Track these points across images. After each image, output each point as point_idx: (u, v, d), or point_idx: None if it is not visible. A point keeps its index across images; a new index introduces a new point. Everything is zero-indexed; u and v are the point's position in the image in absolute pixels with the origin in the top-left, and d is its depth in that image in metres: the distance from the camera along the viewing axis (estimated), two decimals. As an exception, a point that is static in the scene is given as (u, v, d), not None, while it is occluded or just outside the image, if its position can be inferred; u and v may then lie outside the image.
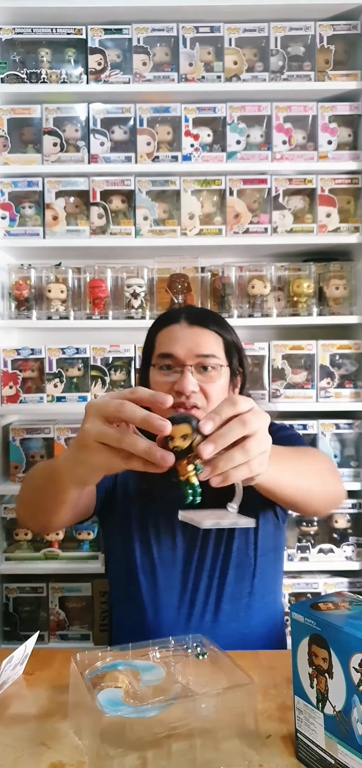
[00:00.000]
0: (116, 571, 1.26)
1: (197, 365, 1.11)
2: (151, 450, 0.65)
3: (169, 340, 1.14)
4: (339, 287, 1.98)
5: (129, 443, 0.66)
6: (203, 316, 1.20)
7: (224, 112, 1.97)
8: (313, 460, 1.08)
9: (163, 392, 1.08)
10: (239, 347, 1.20)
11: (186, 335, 1.13)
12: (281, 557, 1.27)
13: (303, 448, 1.13)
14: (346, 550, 1.96)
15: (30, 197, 2.00)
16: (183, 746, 0.72)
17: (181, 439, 0.67)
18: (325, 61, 1.98)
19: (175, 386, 1.09)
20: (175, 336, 1.13)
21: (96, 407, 0.69)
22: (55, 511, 0.96)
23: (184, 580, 1.15)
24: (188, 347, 1.11)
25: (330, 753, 0.68)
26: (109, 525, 1.27)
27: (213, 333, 1.15)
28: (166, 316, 1.21)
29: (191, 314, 1.18)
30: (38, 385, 1.99)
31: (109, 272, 2.00)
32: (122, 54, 1.99)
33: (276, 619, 1.25)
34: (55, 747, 0.75)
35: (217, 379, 1.12)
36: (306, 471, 1.01)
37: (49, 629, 2.00)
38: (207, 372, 1.11)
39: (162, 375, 1.13)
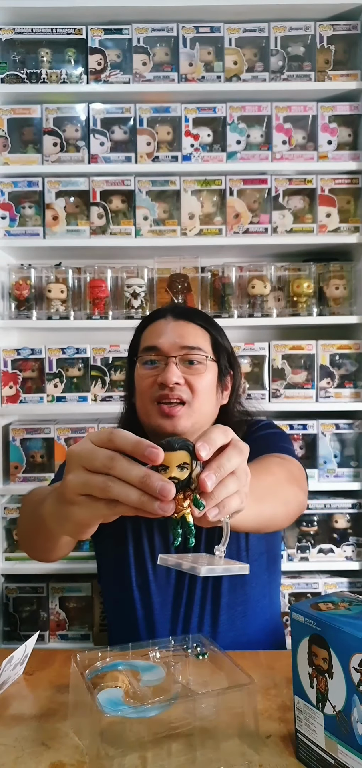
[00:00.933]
0: (109, 584, 1.24)
1: (182, 358, 1.08)
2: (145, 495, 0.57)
3: (153, 334, 1.12)
4: (339, 287, 1.98)
5: (119, 492, 0.58)
6: (189, 311, 1.19)
7: (224, 112, 1.97)
8: (274, 475, 1.00)
9: (146, 385, 1.08)
10: (228, 349, 1.18)
11: (170, 328, 1.11)
12: (276, 559, 1.26)
13: (263, 461, 1.03)
14: (346, 550, 1.96)
15: (30, 197, 2.00)
16: (183, 746, 0.72)
17: (177, 469, 0.57)
18: (325, 61, 1.98)
19: (159, 378, 1.06)
20: (160, 329, 1.12)
21: (79, 457, 0.60)
22: (50, 550, 0.96)
23: (178, 595, 1.13)
24: (172, 339, 1.09)
25: (330, 753, 0.68)
26: (102, 536, 1.24)
27: (200, 327, 1.13)
28: (151, 314, 1.19)
29: (177, 309, 1.16)
30: (38, 385, 1.99)
31: (109, 272, 2.00)
32: (122, 54, 1.99)
33: (274, 621, 1.24)
34: (55, 747, 0.75)
35: (203, 372, 1.09)
36: (267, 494, 0.93)
37: (49, 629, 2.00)
38: (192, 365, 1.08)
39: (146, 369, 1.10)
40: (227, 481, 0.62)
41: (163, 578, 1.14)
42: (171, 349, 1.08)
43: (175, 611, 1.13)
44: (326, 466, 1.96)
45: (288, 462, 1.08)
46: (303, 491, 1.08)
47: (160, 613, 1.13)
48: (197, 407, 1.07)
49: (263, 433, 1.19)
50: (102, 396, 1.97)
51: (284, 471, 1.02)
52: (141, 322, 1.20)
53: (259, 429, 1.21)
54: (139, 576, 1.15)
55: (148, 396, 1.08)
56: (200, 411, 1.08)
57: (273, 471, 1.00)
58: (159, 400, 1.06)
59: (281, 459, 1.07)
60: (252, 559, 1.15)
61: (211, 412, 1.13)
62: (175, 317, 1.13)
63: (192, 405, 1.07)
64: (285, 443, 1.18)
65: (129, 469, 0.57)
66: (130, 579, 1.15)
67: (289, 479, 1.02)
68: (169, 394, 1.05)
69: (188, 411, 1.06)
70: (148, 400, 1.08)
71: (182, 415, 1.06)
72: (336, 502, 1.96)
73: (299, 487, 1.05)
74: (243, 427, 1.20)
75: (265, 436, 1.18)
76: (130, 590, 1.15)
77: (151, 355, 1.10)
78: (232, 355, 1.20)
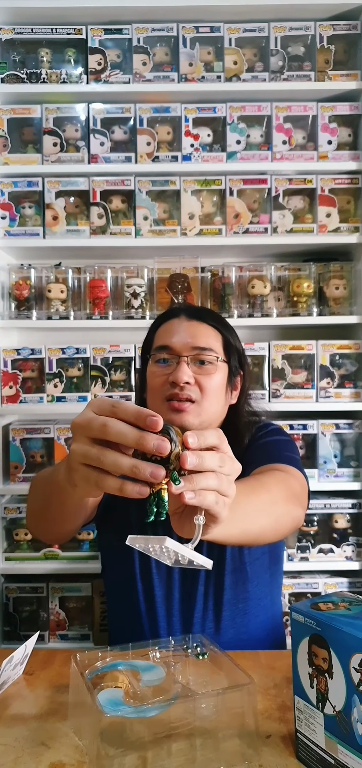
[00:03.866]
0: (113, 578, 1.24)
1: (193, 358, 1.10)
2: (138, 467, 0.60)
3: (167, 333, 1.14)
4: (339, 287, 1.98)
5: (111, 463, 0.61)
6: (203, 311, 1.20)
7: (224, 112, 1.97)
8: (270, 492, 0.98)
9: (158, 384, 1.09)
10: (240, 350, 1.20)
11: (183, 328, 1.13)
12: (278, 559, 1.26)
13: (262, 476, 1.02)
14: (346, 550, 1.96)
15: (30, 197, 2.00)
16: (183, 746, 0.72)
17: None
18: (325, 61, 1.98)
19: (170, 377, 1.09)
20: (173, 329, 1.14)
21: (79, 426, 0.64)
22: (64, 519, 0.96)
23: (181, 588, 1.14)
24: (185, 339, 1.11)
25: (330, 753, 0.68)
26: (107, 530, 1.26)
27: (212, 328, 1.15)
28: (165, 313, 1.21)
29: (190, 309, 1.18)
30: (38, 385, 1.99)
31: (109, 272, 2.00)
32: (122, 54, 1.99)
33: (275, 621, 1.24)
34: (55, 747, 0.75)
35: (213, 372, 1.11)
36: (257, 512, 0.92)
37: (49, 629, 2.00)
38: (203, 365, 1.11)
39: (158, 367, 1.12)
40: (208, 474, 0.63)
41: (165, 571, 1.14)
42: (183, 348, 1.10)
43: (178, 604, 1.14)
44: (326, 466, 1.96)
45: (290, 476, 1.07)
46: (302, 507, 1.07)
47: (161, 607, 1.14)
48: (206, 406, 1.10)
49: (269, 440, 1.19)
50: (102, 396, 1.97)
51: (282, 487, 1.01)
52: (155, 321, 1.21)
53: (266, 434, 1.21)
54: (141, 568, 1.15)
55: (159, 394, 1.11)
56: (208, 410, 1.10)
57: (269, 487, 0.99)
58: (169, 398, 1.09)
59: (282, 473, 1.06)
60: (253, 557, 1.16)
61: (220, 412, 1.15)
62: (188, 317, 1.15)
63: (201, 404, 1.09)
64: (290, 452, 1.17)
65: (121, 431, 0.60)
66: (133, 571, 1.16)
67: (287, 497, 1.01)
68: (179, 393, 1.07)
69: (197, 409, 1.09)
70: (158, 398, 1.11)
71: (191, 411, 1.08)
72: (336, 502, 1.97)
73: (297, 503, 1.04)
74: (251, 428, 1.21)
75: (271, 444, 1.18)
76: (134, 582, 1.15)
77: (163, 354, 1.12)
78: (243, 356, 1.21)
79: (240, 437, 1.18)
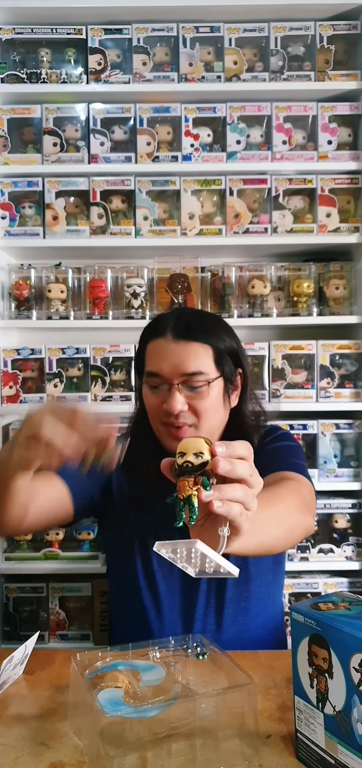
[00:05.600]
0: (116, 576, 1.26)
1: (183, 383, 1.08)
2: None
3: (155, 357, 1.11)
4: (339, 287, 1.98)
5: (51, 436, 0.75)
6: (190, 326, 1.11)
7: (224, 112, 1.97)
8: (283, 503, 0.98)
9: (153, 410, 1.10)
10: (235, 350, 1.15)
11: (171, 351, 1.08)
12: (281, 560, 1.26)
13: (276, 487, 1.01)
14: (346, 550, 1.96)
15: (30, 197, 2.00)
16: (183, 746, 0.72)
17: (193, 456, 0.65)
18: (325, 61, 1.98)
19: (164, 405, 1.08)
20: (161, 352, 1.10)
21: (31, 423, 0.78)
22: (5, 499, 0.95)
23: (184, 584, 1.14)
24: (173, 364, 1.07)
25: (330, 753, 0.68)
26: (107, 529, 1.27)
27: (201, 345, 1.10)
28: (154, 326, 1.15)
29: (178, 326, 1.11)
30: (38, 385, 1.99)
31: (109, 272, 2.00)
32: (122, 54, 1.99)
33: (276, 620, 1.25)
34: (55, 747, 0.76)
35: (207, 395, 1.08)
36: (272, 524, 0.92)
37: (49, 629, 2.00)
38: (195, 390, 1.08)
39: (151, 393, 1.12)
40: (236, 486, 0.65)
41: (167, 567, 1.15)
42: (172, 375, 1.08)
43: (181, 600, 1.14)
44: (326, 466, 1.96)
45: (301, 485, 1.06)
46: (312, 515, 1.07)
47: (164, 603, 1.14)
48: (203, 427, 1.09)
49: (278, 446, 1.18)
50: (102, 396, 1.97)
51: (295, 497, 1.01)
52: (145, 330, 1.17)
53: (273, 440, 1.20)
54: (143, 565, 1.16)
55: (156, 418, 1.11)
56: (206, 429, 1.09)
57: (283, 498, 0.98)
58: (167, 424, 1.09)
59: (294, 482, 1.06)
60: (258, 558, 1.16)
61: (219, 424, 1.14)
62: (175, 337, 1.09)
63: (199, 427, 1.09)
64: (299, 459, 1.16)
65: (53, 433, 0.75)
66: (135, 569, 1.16)
67: (300, 507, 1.00)
68: (175, 422, 1.07)
69: (195, 432, 1.09)
70: (156, 421, 1.12)
71: (189, 435, 1.08)
72: (336, 502, 1.96)
73: (308, 512, 1.04)
74: (259, 430, 1.20)
75: (279, 450, 1.17)
76: (136, 579, 1.16)
77: (154, 381, 1.10)
78: (240, 353, 1.17)
79: (249, 440, 1.16)
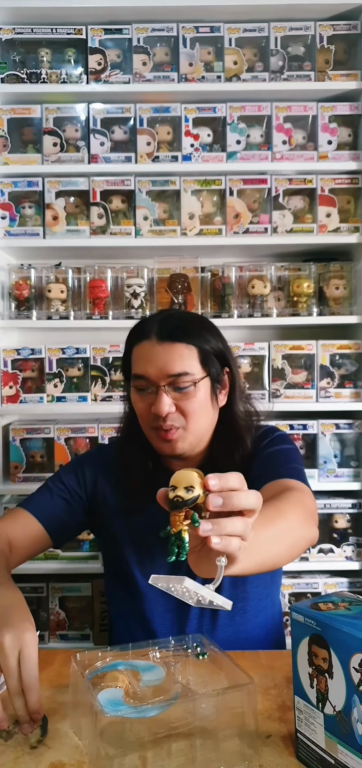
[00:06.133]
0: (112, 578, 1.26)
1: (170, 384, 1.08)
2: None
3: (141, 360, 1.10)
4: (339, 287, 1.98)
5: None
6: (174, 329, 1.10)
7: (224, 112, 1.97)
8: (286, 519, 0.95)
9: (142, 414, 1.10)
10: (220, 350, 1.15)
11: (156, 354, 1.08)
12: None
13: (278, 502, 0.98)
14: (346, 550, 1.96)
15: (30, 197, 2.00)
16: (183, 746, 0.72)
17: (184, 490, 0.65)
18: (325, 61, 1.98)
19: (152, 408, 1.08)
20: (146, 355, 1.09)
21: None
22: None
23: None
24: (159, 367, 1.07)
25: (330, 753, 0.68)
26: (99, 536, 1.29)
27: (185, 346, 1.09)
28: (138, 330, 1.15)
29: (162, 329, 1.10)
30: (38, 385, 1.99)
31: (109, 272, 2.00)
32: (122, 54, 1.99)
33: (275, 621, 1.25)
34: (55, 747, 0.76)
35: (193, 395, 1.08)
36: (274, 542, 0.90)
37: (49, 629, 2.00)
38: (182, 390, 1.08)
39: (139, 397, 1.11)
40: (233, 519, 0.65)
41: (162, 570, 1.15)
42: (159, 377, 1.08)
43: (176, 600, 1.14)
44: (326, 466, 1.96)
45: (304, 494, 1.05)
46: (316, 524, 1.04)
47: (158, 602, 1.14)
48: (192, 428, 1.09)
49: (276, 449, 1.16)
50: (102, 396, 1.97)
51: (298, 511, 0.98)
52: (128, 337, 1.17)
53: (271, 443, 1.18)
54: (138, 567, 1.16)
55: (145, 421, 1.12)
56: (195, 431, 1.10)
57: (286, 514, 0.96)
58: (155, 427, 1.09)
59: (296, 492, 1.03)
60: None
61: (209, 424, 1.14)
62: (159, 339, 1.09)
63: (187, 428, 1.09)
64: (297, 463, 1.15)
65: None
66: (129, 571, 1.17)
67: (303, 519, 0.98)
68: (163, 425, 1.07)
69: (183, 434, 1.09)
70: (146, 425, 1.12)
71: (178, 438, 1.09)
72: (336, 502, 1.96)
73: (312, 522, 1.01)
74: (252, 431, 1.19)
75: (277, 454, 1.15)
76: (131, 580, 1.17)
77: (141, 384, 1.10)
78: (226, 353, 1.17)
79: (241, 440, 1.16)
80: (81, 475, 1.23)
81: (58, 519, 1.18)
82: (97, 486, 1.22)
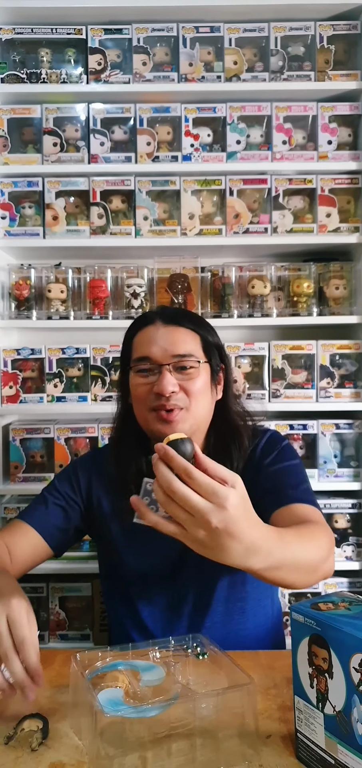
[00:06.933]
0: (107, 582, 1.27)
1: (175, 365, 1.09)
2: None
3: (145, 343, 1.12)
4: (339, 287, 1.98)
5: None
6: (178, 314, 1.18)
7: (224, 112, 1.97)
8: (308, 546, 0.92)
9: (142, 395, 1.10)
10: (218, 345, 1.19)
11: (161, 335, 1.11)
12: None
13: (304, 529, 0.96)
14: (346, 550, 1.96)
15: (30, 197, 2.00)
16: (183, 746, 0.72)
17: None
18: (325, 61, 1.98)
19: (155, 388, 1.08)
20: (150, 337, 1.11)
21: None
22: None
23: (176, 586, 1.15)
24: (163, 347, 1.09)
25: (330, 753, 0.68)
26: (94, 538, 1.30)
27: (190, 331, 1.13)
28: (140, 319, 1.18)
29: (165, 314, 1.15)
30: (38, 385, 1.99)
31: (109, 272, 2.00)
32: (122, 54, 1.99)
33: (274, 621, 1.25)
34: (55, 747, 0.76)
35: (197, 376, 1.10)
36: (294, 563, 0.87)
37: (49, 629, 2.00)
38: (186, 371, 1.09)
39: (140, 378, 1.11)
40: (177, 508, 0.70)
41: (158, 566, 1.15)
42: (163, 357, 1.09)
43: (170, 599, 1.15)
44: (326, 466, 1.96)
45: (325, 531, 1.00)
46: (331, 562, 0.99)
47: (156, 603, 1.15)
48: (194, 410, 1.10)
49: (283, 467, 1.15)
50: (102, 396, 1.97)
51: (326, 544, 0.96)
52: (130, 328, 1.19)
53: (278, 458, 1.16)
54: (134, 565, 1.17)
55: (145, 404, 1.10)
56: (197, 413, 1.11)
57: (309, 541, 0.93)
58: (157, 408, 1.08)
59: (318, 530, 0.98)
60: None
61: (207, 412, 1.15)
62: (164, 322, 1.12)
63: (189, 409, 1.09)
64: (307, 482, 1.14)
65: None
66: (124, 570, 1.18)
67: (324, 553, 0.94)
68: (166, 404, 1.07)
69: (186, 415, 1.09)
70: (145, 409, 1.11)
71: (180, 419, 1.08)
72: (336, 502, 1.96)
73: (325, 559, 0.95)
74: (248, 430, 1.19)
75: (286, 472, 1.13)
76: (128, 580, 1.18)
77: (144, 365, 1.11)
78: (222, 350, 1.20)
79: (238, 435, 1.16)
80: (75, 480, 1.23)
81: (55, 528, 1.19)
82: (91, 489, 1.23)
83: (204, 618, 1.14)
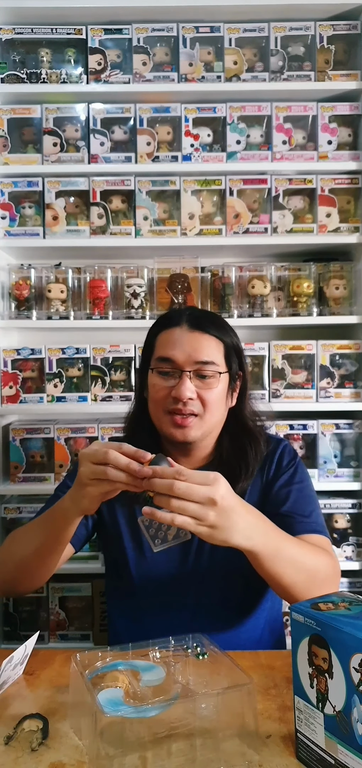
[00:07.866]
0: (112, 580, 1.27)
1: (195, 371, 1.10)
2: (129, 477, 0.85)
3: (169, 344, 1.12)
4: (339, 287, 1.98)
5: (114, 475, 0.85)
6: (204, 319, 1.16)
7: (224, 112, 1.97)
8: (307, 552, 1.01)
9: (160, 396, 1.12)
10: (239, 350, 1.19)
11: (186, 340, 1.11)
12: None
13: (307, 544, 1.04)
14: (346, 550, 1.96)
15: (30, 197, 2.00)
16: (183, 746, 0.72)
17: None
18: (325, 61, 1.98)
19: (173, 392, 1.09)
20: (175, 340, 1.12)
21: (87, 455, 0.88)
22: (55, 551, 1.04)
23: (179, 587, 1.15)
24: (187, 352, 1.10)
25: (330, 753, 0.68)
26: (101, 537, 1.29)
27: (214, 338, 1.13)
28: (167, 318, 1.19)
29: (192, 318, 1.15)
30: (38, 385, 1.99)
31: (109, 272, 2.00)
32: (122, 54, 1.99)
33: (275, 621, 1.25)
34: (55, 747, 0.76)
35: (215, 386, 1.11)
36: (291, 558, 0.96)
37: (49, 629, 2.00)
38: (205, 379, 1.10)
39: (160, 379, 1.12)
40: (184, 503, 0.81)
41: (158, 567, 1.15)
42: (185, 362, 1.10)
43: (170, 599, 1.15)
44: (326, 466, 1.96)
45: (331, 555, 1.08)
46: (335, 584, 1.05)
47: (156, 601, 1.15)
48: (208, 418, 1.11)
49: (297, 488, 1.16)
50: (102, 396, 1.97)
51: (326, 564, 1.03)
52: (156, 323, 1.20)
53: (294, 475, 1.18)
54: (137, 561, 1.17)
55: (161, 406, 1.12)
56: (210, 421, 1.12)
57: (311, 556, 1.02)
58: (172, 411, 1.10)
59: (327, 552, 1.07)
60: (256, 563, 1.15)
61: (220, 419, 1.16)
62: (190, 327, 1.13)
63: (203, 417, 1.10)
64: (318, 506, 1.17)
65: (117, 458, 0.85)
66: (128, 570, 1.18)
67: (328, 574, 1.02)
68: (182, 409, 1.08)
69: (199, 422, 1.11)
70: (160, 410, 1.12)
71: (193, 426, 1.10)
72: (336, 502, 1.96)
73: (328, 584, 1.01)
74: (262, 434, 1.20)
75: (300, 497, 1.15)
76: (128, 579, 1.17)
77: (165, 367, 1.11)
78: (242, 356, 1.20)
79: (254, 440, 1.17)
80: None
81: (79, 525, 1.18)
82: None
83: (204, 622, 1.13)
